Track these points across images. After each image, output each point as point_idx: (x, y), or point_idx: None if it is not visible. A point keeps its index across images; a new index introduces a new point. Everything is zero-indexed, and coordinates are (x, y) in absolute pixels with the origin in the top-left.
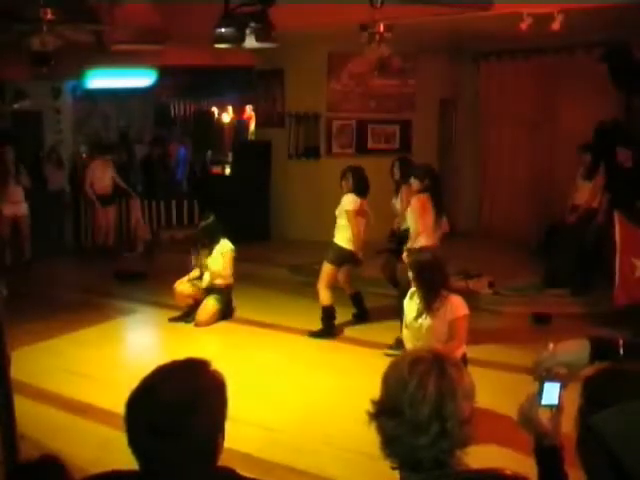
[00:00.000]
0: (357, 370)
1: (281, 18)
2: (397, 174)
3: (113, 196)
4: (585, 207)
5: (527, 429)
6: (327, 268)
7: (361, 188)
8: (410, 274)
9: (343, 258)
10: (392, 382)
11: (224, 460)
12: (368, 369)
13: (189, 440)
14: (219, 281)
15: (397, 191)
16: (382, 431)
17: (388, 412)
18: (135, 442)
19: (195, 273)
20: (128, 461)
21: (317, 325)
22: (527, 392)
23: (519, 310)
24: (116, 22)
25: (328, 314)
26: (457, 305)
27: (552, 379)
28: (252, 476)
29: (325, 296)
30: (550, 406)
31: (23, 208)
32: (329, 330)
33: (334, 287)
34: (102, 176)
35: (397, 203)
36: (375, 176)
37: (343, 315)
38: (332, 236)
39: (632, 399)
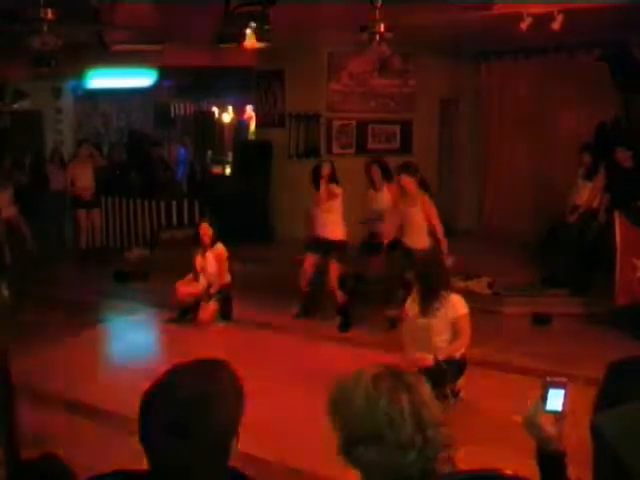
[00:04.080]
0: None
1: (281, 18)
2: (378, 175)
3: (96, 199)
4: (585, 207)
5: (531, 434)
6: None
7: None
8: (412, 274)
9: None
10: (357, 408)
11: None
12: None
13: (201, 439)
14: (214, 287)
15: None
16: (361, 461)
17: (364, 440)
18: (148, 439)
19: (192, 276)
20: (128, 461)
21: (317, 325)
22: (527, 393)
23: (519, 310)
24: (116, 22)
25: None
26: (457, 304)
27: (557, 385)
28: (253, 476)
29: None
30: (554, 412)
31: (12, 209)
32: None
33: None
34: (81, 176)
35: (379, 203)
36: None
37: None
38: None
39: None
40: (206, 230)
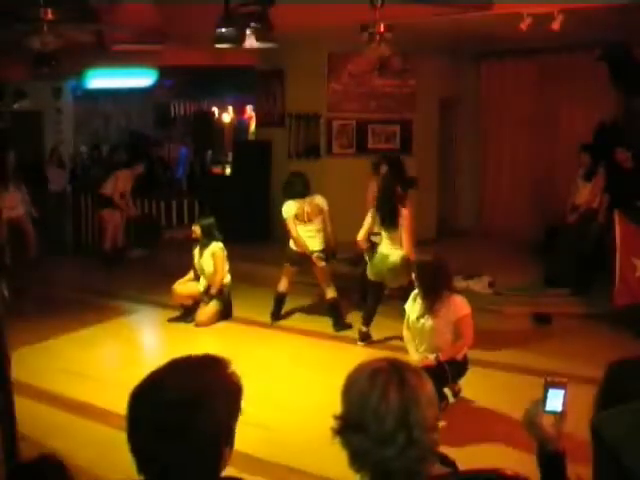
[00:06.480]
0: None
1: (281, 18)
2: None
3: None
4: (585, 207)
5: (531, 434)
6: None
7: None
8: (413, 275)
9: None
10: (353, 396)
11: None
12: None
13: (189, 441)
14: (214, 288)
15: None
16: (348, 446)
17: (352, 427)
18: (133, 438)
19: (190, 275)
20: (127, 461)
21: (316, 325)
22: (527, 393)
23: (519, 310)
24: (116, 22)
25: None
26: (459, 305)
27: (557, 385)
28: (253, 476)
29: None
30: (554, 412)
31: (19, 210)
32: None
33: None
34: (124, 187)
35: None
36: None
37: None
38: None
39: None
40: (194, 229)
